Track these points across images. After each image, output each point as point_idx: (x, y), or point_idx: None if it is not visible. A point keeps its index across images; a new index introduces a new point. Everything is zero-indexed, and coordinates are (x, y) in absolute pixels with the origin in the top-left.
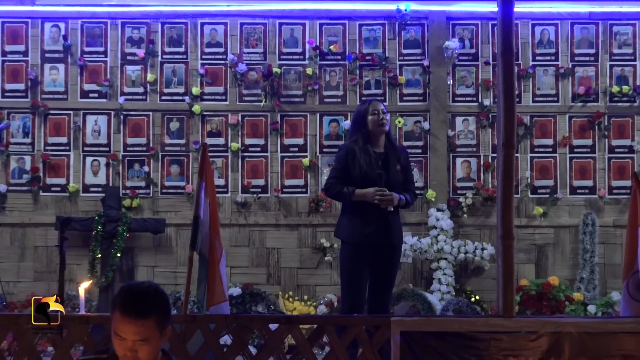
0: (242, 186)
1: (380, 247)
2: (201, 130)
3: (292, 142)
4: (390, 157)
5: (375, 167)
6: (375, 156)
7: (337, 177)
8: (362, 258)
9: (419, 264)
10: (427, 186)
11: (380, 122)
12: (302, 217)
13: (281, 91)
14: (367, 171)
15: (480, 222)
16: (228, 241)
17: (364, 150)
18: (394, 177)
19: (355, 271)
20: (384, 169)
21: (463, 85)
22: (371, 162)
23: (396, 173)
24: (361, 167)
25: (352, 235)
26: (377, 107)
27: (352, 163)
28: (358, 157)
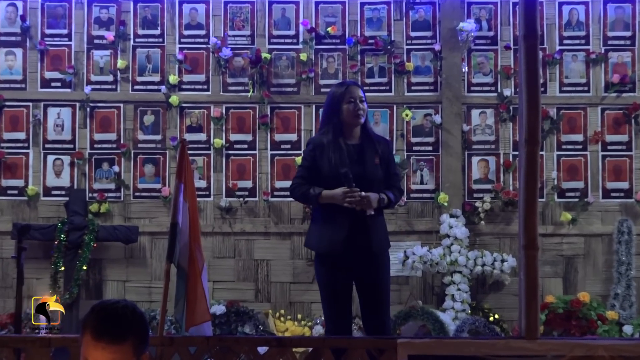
0: (226, 189)
1: (358, 256)
2: (179, 124)
3: (284, 138)
4: (366, 150)
5: (347, 163)
6: (348, 150)
7: (304, 176)
8: (337, 270)
9: (429, 278)
10: (439, 189)
11: (356, 112)
12: (295, 225)
13: (271, 80)
14: (337, 168)
15: (500, 229)
16: (210, 252)
17: (334, 144)
18: (372, 173)
19: (331, 285)
20: (359, 163)
21: (480, 73)
22: (342, 157)
23: (374, 168)
24: (330, 163)
25: (323, 244)
26: (355, 93)
27: (321, 159)
28: (327, 151)
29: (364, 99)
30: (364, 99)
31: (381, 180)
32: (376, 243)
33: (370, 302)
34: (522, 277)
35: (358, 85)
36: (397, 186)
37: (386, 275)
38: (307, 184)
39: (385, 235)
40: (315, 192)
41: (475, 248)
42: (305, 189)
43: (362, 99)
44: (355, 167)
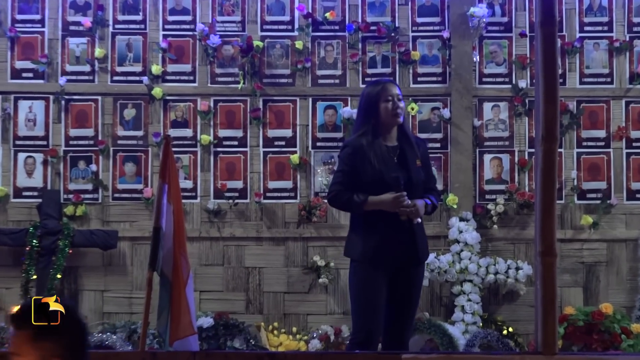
0: (214, 189)
1: (403, 263)
2: (163, 119)
3: (278, 134)
4: (407, 152)
5: (392, 166)
6: (388, 152)
7: (344, 182)
8: (379, 277)
9: (437, 287)
10: (448, 190)
11: (395, 111)
12: (289, 229)
13: (264, 70)
14: (382, 172)
15: (515, 234)
16: (197, 259)
17: (375, 146)
18: (416, 177)
19: (372, 292)
20: (402, 167)
21: (493, 63)
22: (385, 161)
23: (417, 171)
24: (374, 167)
25: (368, 252)
26: (392, 91)
27: (362, 163)
28: (368, 154)
29: (401, 97)
30: (401, 97)
31: (422, 183)
32: (422, 250)
33: (398, 312)
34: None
35: (394, 82)
36: (436, 189)
37: (420, 287)
38: (348, 190)
39: (427, 243)
40: (361, 199)
41: (487, 255)
42: (349, 196)
43: (400, 97)
44: (399, 170)
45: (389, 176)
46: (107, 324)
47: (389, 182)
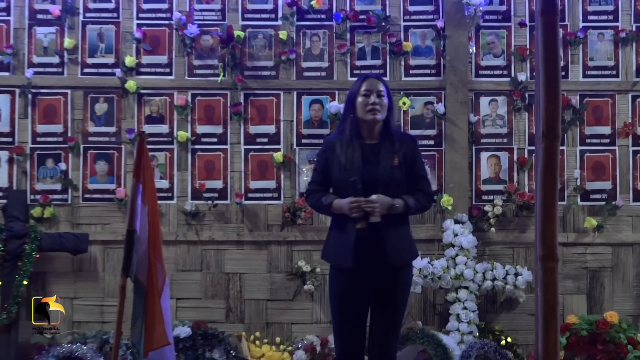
0: (192, 190)
1: (376, 271)
2: (137, 114)
3: (260, 130)
4: (384, 150)
5: (359, 166)
6: (364, 151)
7: (317, 181)
8: (355, 286)
9: (430, 294)
10: (442, 190)
11: (369, 107)
12: (273, 232)
13: (245, 62)
14: (347, 173)
15: (513, 238)
16: (173, 264)
17: (348, 144)
18: (387, 175)
19: (345, 304)
20: (375, 165)
21: (490, 54)
22: (354, 160)
23: (391, 169)
24: (341, 167)
25: (339, 257)
26: (372, 86)
27: (332, 161)
28: (339, 153)
29: (384, 94)
30: (384, 93)
31: (401, 184)
32: (394, 255)
33: (379, 323)
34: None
35: (379, 78)
36: (426, 189)
37: (403, 293)
38: (322, 189)
39: (407, 246)
40: (327, 202)
41: (484, 259)
42: (318, 197)
43: (382, 92)
44: (369, 169)
45: (351, 177)
46: (77, 334)
47: (349, 184)
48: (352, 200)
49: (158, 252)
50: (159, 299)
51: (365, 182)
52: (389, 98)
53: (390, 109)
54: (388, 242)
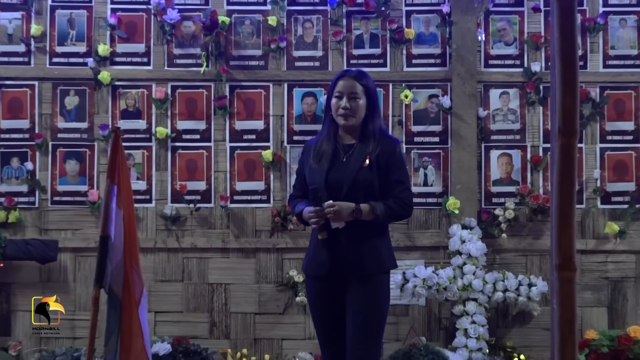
0: (172, 192)
1: (347, 280)
2: (112, 108)
3: (248, 126)
4: (356, 151)
5: (324, 169)
6: (337, 152)
7: (297, 186)
8: (326, 296)
9: (435, 307)
10: (448, 192)
11: (340, 111)
12: (261, 238)
13: (231, 51)
14: (315, 177)
15: (527, 245)
16: (152, 274)
17: (323, 145)
18: (354, 178)
19: (318, 315)
20: (343, 167)
21: (501, 42)
22: (320, 164)
23: (358, 171)
24: (312, 171)
25: (310, 266)
26: (345, 87)
27: (306, 164)
28: (311, 156)
29: (360, 95)
30: (360, 94)
31: (371, 186)
32: (367, 263)
33: (353, 335)
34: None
35: (357, 75)
36: (398, 195)
37: (378, 304)
38: (301, 195)
39: (382, 255)
40: (297, 210)
41: (494, 268)
42: (295, 204)
43: (356, 95)
44: (337, 171)
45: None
46: (45, 351)
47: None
48: (311, 211)
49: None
50: (136, 312)
51: (331, 184)
52: (369, 97)
53: (373, 108)
54: (362, 250)
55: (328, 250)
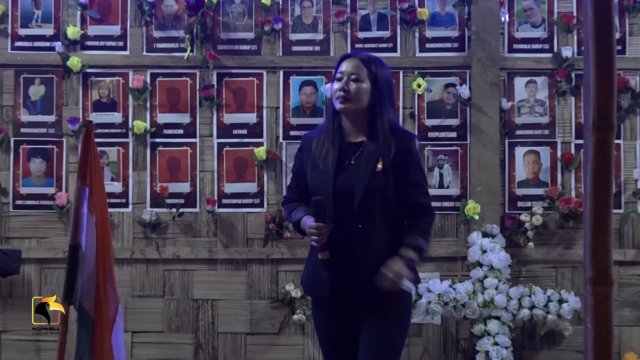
0: (152, 194)
1: (358, 299)
2: (83, 99)
3: (238, 119)
4: (366, 152)
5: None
6: (343, 151)
7: (293, 187)
8: (330, 319)
9: (451, 326)
10: (467, 195)
11: (336, 94)
12: (254, 248)
13: (219, 33)
14: (320, 182)
15: (557, 255)
16: (128, 288)
17: (324, 142)
18: (367, 185)
19: (323, 339)
20: (353, 171)
21: (527, 24)
22: (324, 166)
23: (371, 177)
24: (314, 171)
25: (308, 285)
26: (346, 67)
27: (307, 163)
28: (313, 154)
29: (361, 78)
30: (363, 78)
31: (387, 194)
32: (370, 277)
33: None
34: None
35: (366, 58)
36: (422, 202)
37: (396, 330)
38: (298, 198)
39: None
40: (296, 218)
41: (520, 282)
42: (291, 209)
43: (358, 77)
44: (346, 176)
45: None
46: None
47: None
48: (311, 226)
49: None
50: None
51: (341, 191)
52: (377, 84)
53: (382, 97)
54: (369, 268)
55: (330, 269)
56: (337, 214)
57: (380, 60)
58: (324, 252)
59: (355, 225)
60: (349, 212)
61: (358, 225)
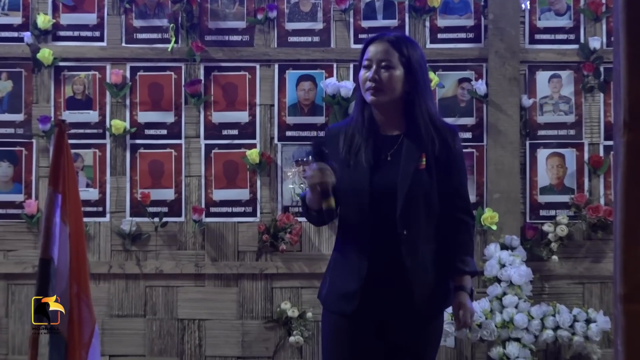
0: (131, 202)
1: (389, 315)
2: (55, 96)
3: (228, 118)
4: (405, 146)
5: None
6: (377, 146)
7: None
8: (352, 340)
9: (466, 349)
10: (484, 203)
11: (367, 85)
12: (245, 262)
13: (206, 22)
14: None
15: (584, 270)
16: (106, 307)
17: (354, 136)
18: (409, 186)
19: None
20: (390, 167)
21: (551, 12)
22: (358, 161)
23: (415, 175)
24: (344, 168)
25: (331, 297)
26: (375, 53)
27: (334, 158)
28: (342, 149)
29: (392, 64)
30: (394, 64)
31: (431, 197)
32: (420, 299)
33: None
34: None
35: (396, 40)
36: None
37: (426, 352)
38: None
39: (438, 289)
40: (302, 196)
41: (543, 300)
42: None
43: (389, 63)
44: (384, 174)
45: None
46: None
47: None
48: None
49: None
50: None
51: (379, 192)
52: (411, 70)
53: (419, 84)
54: (412, 280)
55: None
56: (375, 218)
57: (411, 39)
58: (328, 198)
59: (400, 231)
60: (390, 216)
61: (403, 231)
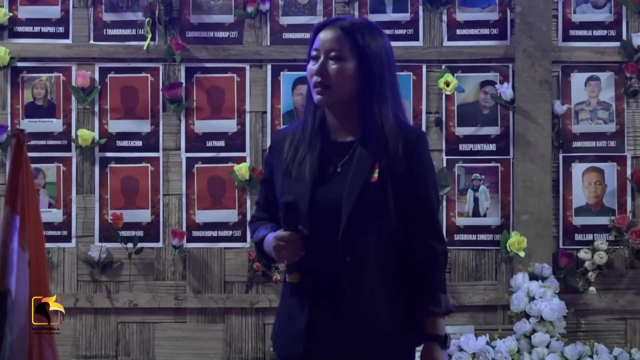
0: (101, 225)
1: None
2: (12, 101)
3: (213, 127)
4: (358, 154)
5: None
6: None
7: (261, 201)
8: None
9: None
10: (510, 226)
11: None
12: (233, 294)
13: (188, 16)
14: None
15: (626, 304)
16: (71, 347)
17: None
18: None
19: None
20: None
21: (587, 4)
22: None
23: (362, 189)
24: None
25: (279, 337)
26: (321, 42)
27: (277, 168)
28: (286, 156)
29: (343, 55)
30: (345, 54)
31: (384, 212)
32: (373, 339)
33: None
34: None
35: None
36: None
37: None
38: (270, 218)
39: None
40: (258, 237)
41: (578, 338)
42: (255, 228)
43: (338, 53)
44: (329, 187)
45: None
46: None
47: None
48: (277, 236)
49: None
50: None
51: (321, 208)
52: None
53: (372, 79)
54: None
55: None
56: (315, 240)
57: (373, 25)
58: (294, 273)
59: (342, 257)
60: (332, 238)
61: (345, 257)
